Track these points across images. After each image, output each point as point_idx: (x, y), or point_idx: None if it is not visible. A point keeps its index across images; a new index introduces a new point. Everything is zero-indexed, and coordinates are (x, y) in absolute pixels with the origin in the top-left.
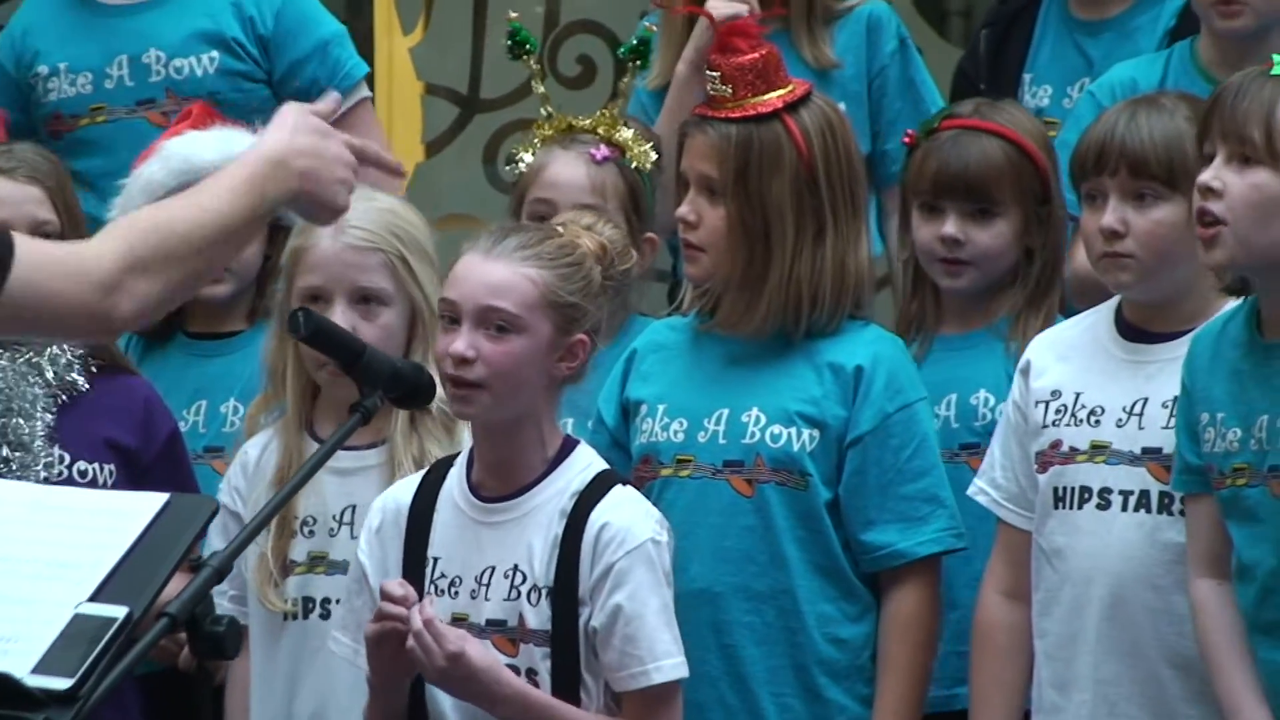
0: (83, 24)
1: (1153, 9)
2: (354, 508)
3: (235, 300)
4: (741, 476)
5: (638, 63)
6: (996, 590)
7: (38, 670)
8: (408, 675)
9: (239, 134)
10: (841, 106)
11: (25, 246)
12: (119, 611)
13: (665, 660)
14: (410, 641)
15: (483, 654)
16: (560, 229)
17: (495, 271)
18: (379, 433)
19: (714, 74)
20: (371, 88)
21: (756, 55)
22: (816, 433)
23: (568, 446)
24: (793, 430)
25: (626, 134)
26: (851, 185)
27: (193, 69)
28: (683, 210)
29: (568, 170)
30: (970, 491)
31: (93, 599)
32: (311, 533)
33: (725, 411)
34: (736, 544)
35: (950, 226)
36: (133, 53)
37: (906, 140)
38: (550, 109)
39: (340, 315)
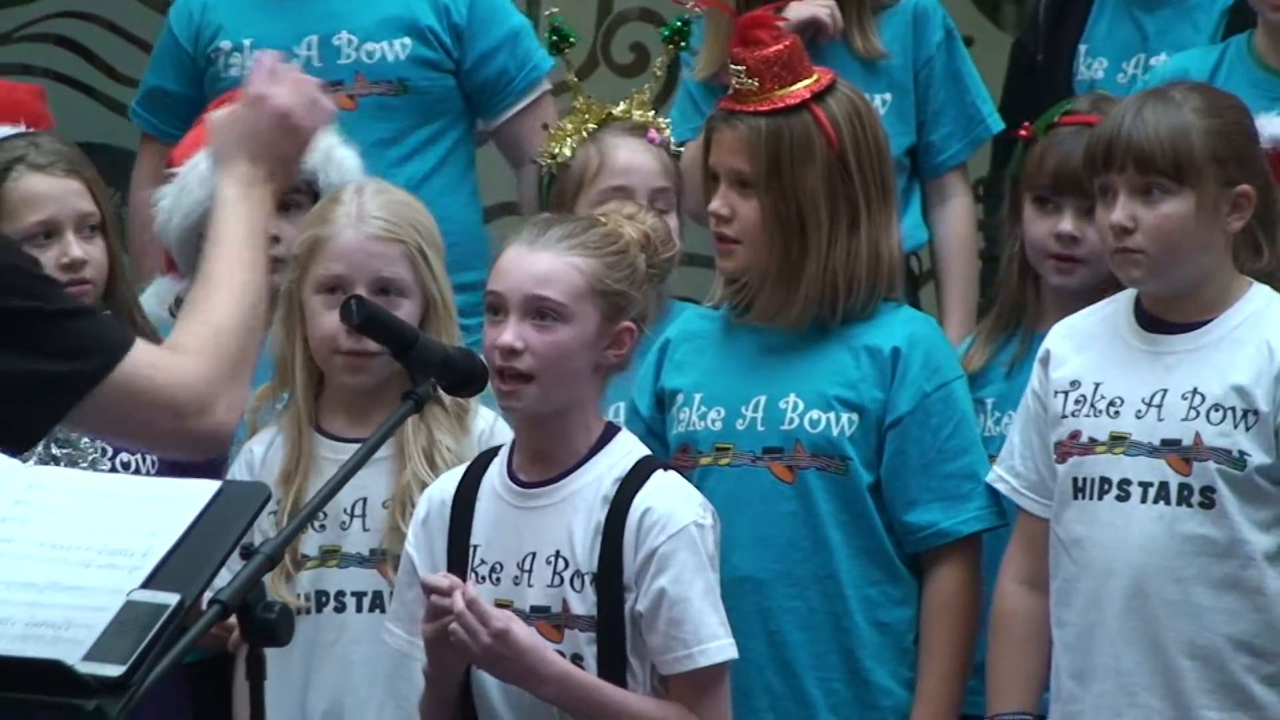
0: (269, 3)
1: None
2: (364, 500)
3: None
4: (781, 463)
5: (679, 45)
6: (1015, 579)
7: (90, 657)
8: (463, 666)
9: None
10: (889, 97)
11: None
12: (171, 599)
13: (711, 643)
14: (454, 624)
15: (527, 633)
16: (603, 219)
17: (541, 262)
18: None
19: (739, 68)
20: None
21: (781, 47)
22: (855, 416)
23: (609, 433)
24: (831, 415)
25: (660, 120)
26: (881, 171)
27: (384, 54)
28: (715, 205)
29: (639, 156)
30: (989, 479)
31: (144, 586)
32: (323, 526)
33: (763, 398)
34: (779, 531)
35: (1067, 223)
36: (324, 33)
37: (1024, 133)
38: (585, 98)
39: None
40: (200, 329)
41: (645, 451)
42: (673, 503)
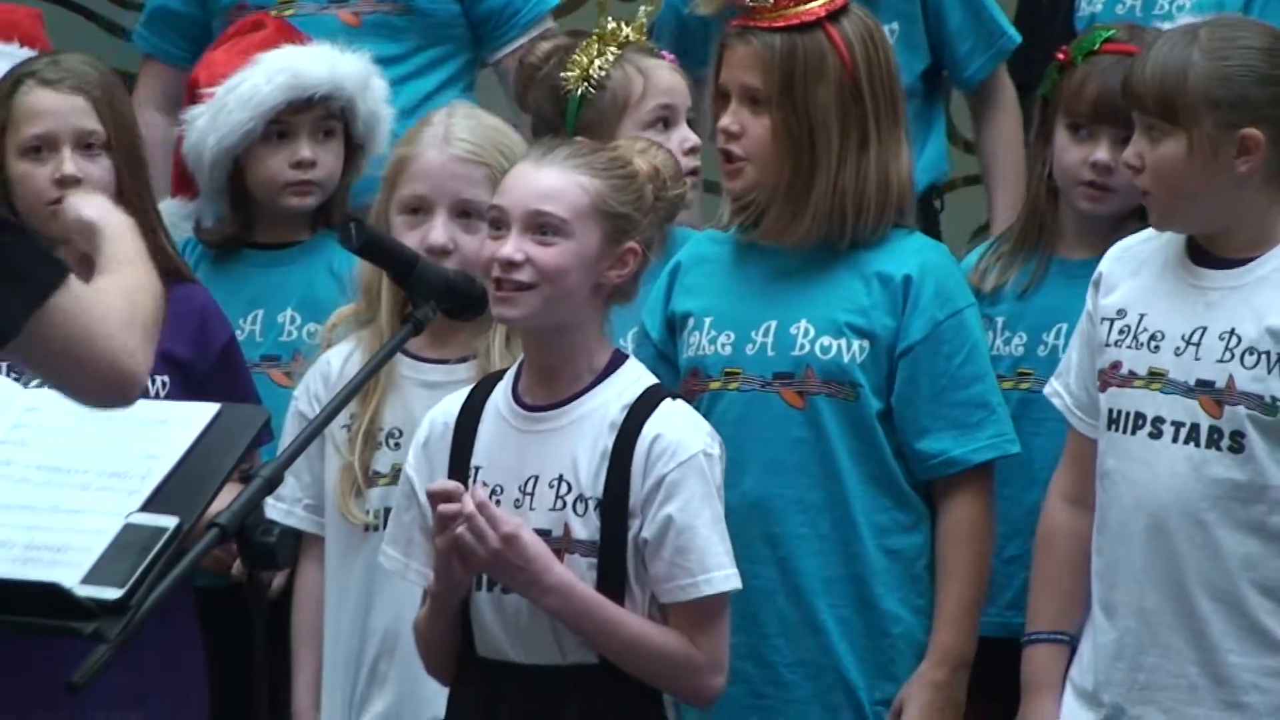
0: None
1: None
2: None
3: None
4: (792, 388)
5: None
6: (1061, 495)
7: (88, 580)
8: (469, 578)
9: (338, 51)
10: (895, 27)
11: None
12: (169, 522)
13: (716, 572)
14: (461, 527)
15: (535, 541)
16: (614, 147)
17: (546, 178)
18: (470, 347)
19: None
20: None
21: None
22: (866, 343)
23: (616, 360)
24: (842, 341)
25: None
26: (892, 94)
27: None
28: (725, 121)
29: (675, 76)
30: (1045, 391)
31: (143, 509)
32: (397, 445)
33: (773, 323)
34: (789, 456)
35: (1103, 152)
36: None
37: (1060, 57)
38: (610, 20)
39: (441, 225)
40: (112, 283)
41: (653, 379)
42: (682, 430)
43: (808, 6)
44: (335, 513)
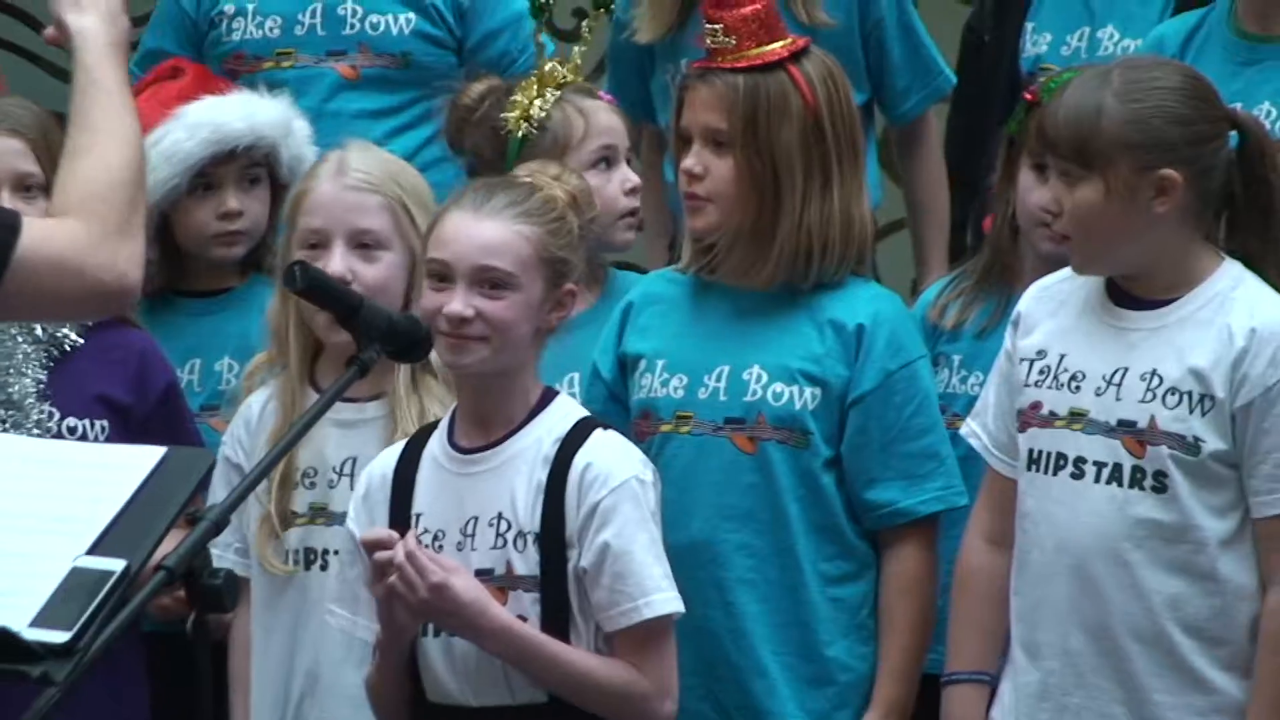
0: None
1: None
2: (355, 459)
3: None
4: (743, 434)
5: (608, 8)
6: (979, 535)
7: (36, 623)
8: (414, 627)
9: (257, 98)
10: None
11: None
12: (117, 565)
13: (656, 595)
14: (392, 576)
15: (468, 586)
16: (530, 179)
17: (488, 230)
18: (380, 386)
19: (714, 26)
20: None
21: (759, 6)
22: (818, 391)
23: (548, 396)
24: (795, 389)
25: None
26: (853, 134)
27: (389, 26)
28: (688, 163)
29: (613, 116)
30: (962, 431)
31: (90, 552)
32: (313, 484)
33: (726, 368)
34: (738, 501)
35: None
36: (329, 3)
37: (1028, 97)
38: (558, 63)
39: (339, 256)
40: (86, 185)
41: (584, 413)
42: (613, 458)
43: (770, 47)
44: (256, 561)
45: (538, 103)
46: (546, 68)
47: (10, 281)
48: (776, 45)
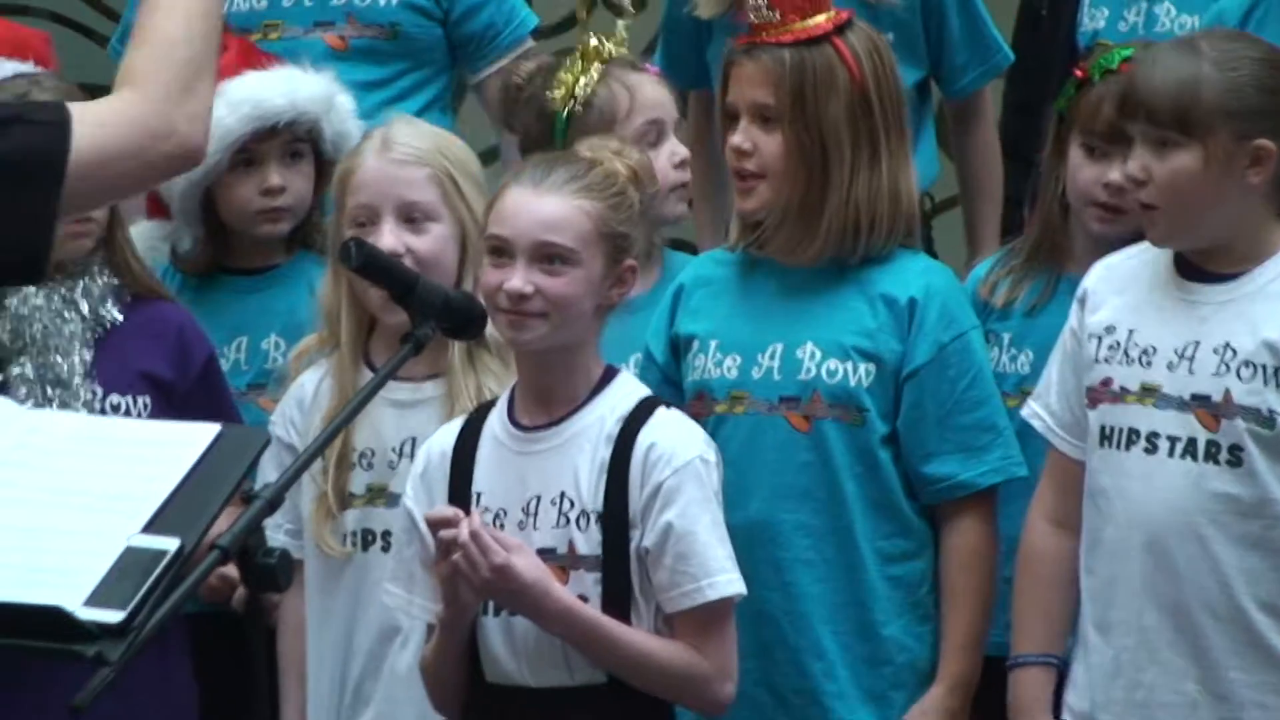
0: None
1: None
2: (413, 440)
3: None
4: (798, 412)
5: None
6: (1043, 517)
7: (90, 603)
8: (476, 604)
9: (300, 73)
10: (891, 37)
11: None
12: (171, 544)
13: (720, 576)
14: (456, 554)
15: (531, 567)
16: (591, 155)
17: (548, 205)
18: (436, 365)
19: (759, 1)
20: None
21: None
22: (873, 367)
23: (609, 374)
24: (849, 365)
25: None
26: (899, 108)
27: None
28: (736, 140)
29: (660, 90)
30: (1024, 413)
31: (144, 531)
32: (370, 465)
33: (779, 346)
34: (794, 480)
35: (1117, 173)
36: None
37: (1079, 73)
38: (604, 38)
39: (389, 231)
40: (148, 50)
41: (647, 391)
42: (677, 438)
43: (814, 20)
44: (312, 541)
45: (582, 79)
46: (591, 43)
47: (73, 181)
48: (820, 18)
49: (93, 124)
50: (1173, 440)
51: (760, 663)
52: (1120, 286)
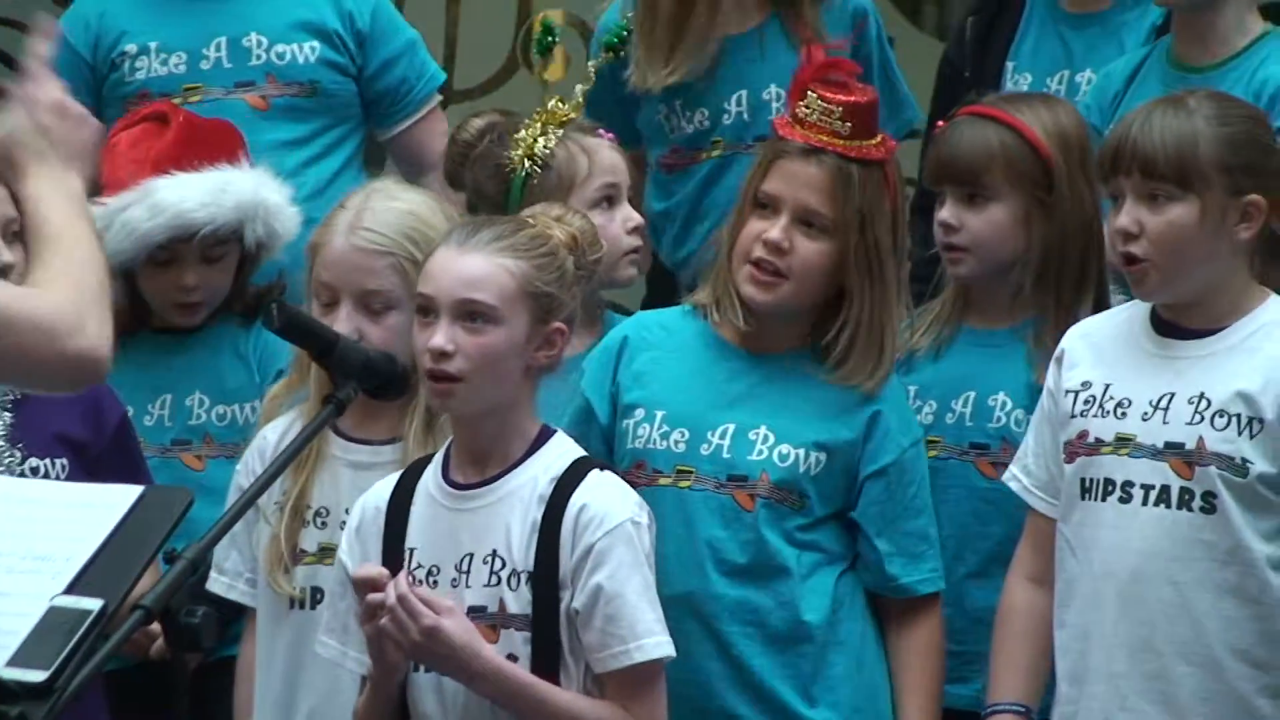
0: (174, 6)
1: (1140, 5)
2: None
3: None
4: (745, 491)
5: (618, 53)
6: (1021, 575)
7: (13, 663)
8: (405, 663)
9: (227, 178)
10: None
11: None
12: (94, 604)
13: (647, 639)
14: (383, 618)
15: (460, 630)
16: (531, 220)
17: (471, 264)
18: (396, 429)
19: (832, 106)
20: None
21: (871, 97)
22: (824, 456)
23: (544, 435)
24: (800, 452)
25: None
26: (905, 235)
27: (294, 55)
28: (775, 235)
29: (615, 154)
30: (1004, 478)
31: (67, 591)
32: (324, 524)
33: (731, 426)
34: (737, 556)
35: (945, 211)
36: (232, 35)
37: (938, 129)
38: (556, 99)
39: (346, 316)
40: (52, 270)
41: (581, 452)
42: (609, 500)
43: (874, 142)
44: (264, 585)
45: (541, 140)
46: (550, 105)
47: None
48: (877, 140)
49: (18, 294)
50: (1146, 489)
51: None
52: (1097, 344)
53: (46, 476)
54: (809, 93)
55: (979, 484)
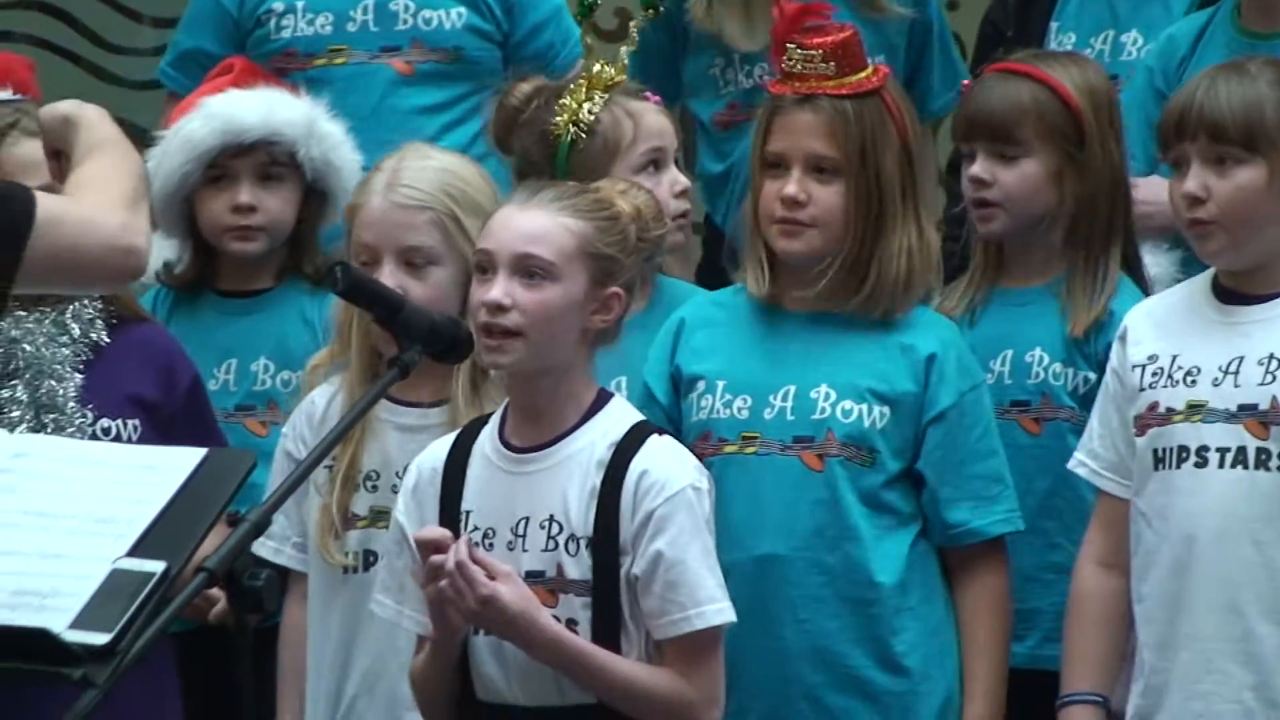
0: None
1: None
2: None
3: (265, 258)
4: (812, 451)
5: (657, 9)
6: (1094, 560)
7: (76, 625)
8: (466, 625)
9: (281, 95)
10: (880, 59)
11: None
12: (157, 566)
13: (709, 605)
14: (443, 581)
15: (517, 597)
16: (597, 188)
17: (532, 220)
18: (443, 391)
19: (811, 51)
20: None
21: (849, 33)
22: (887, 409)
23: (602, 399)
24: (864, 407)
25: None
26: (926, 162)
27: (441, 21)
28: (792, 190)
29: (662, 118)
30: (1070, 465)
31: (130, 554)
32: (375, 487)
33: (792, 388)
34: (807, 517)
35: (976, 167)
36: None
37: (964, 88)
38: (601, 63)
39: (389, 274)
40: (86, 175)
41: (639, 416)
42: (669, 465)
43: (864, 74)
44: (315, 553)
45: (586, 106)
46: (594, 69)
47: (36, 242)
48: (868, 72)
49: (57, 202)
50: (1222, 452)
51: (774, 700)
52: (1159, 319)
53: (119, 437)
54: (788, 45)
55: (1023, 440)
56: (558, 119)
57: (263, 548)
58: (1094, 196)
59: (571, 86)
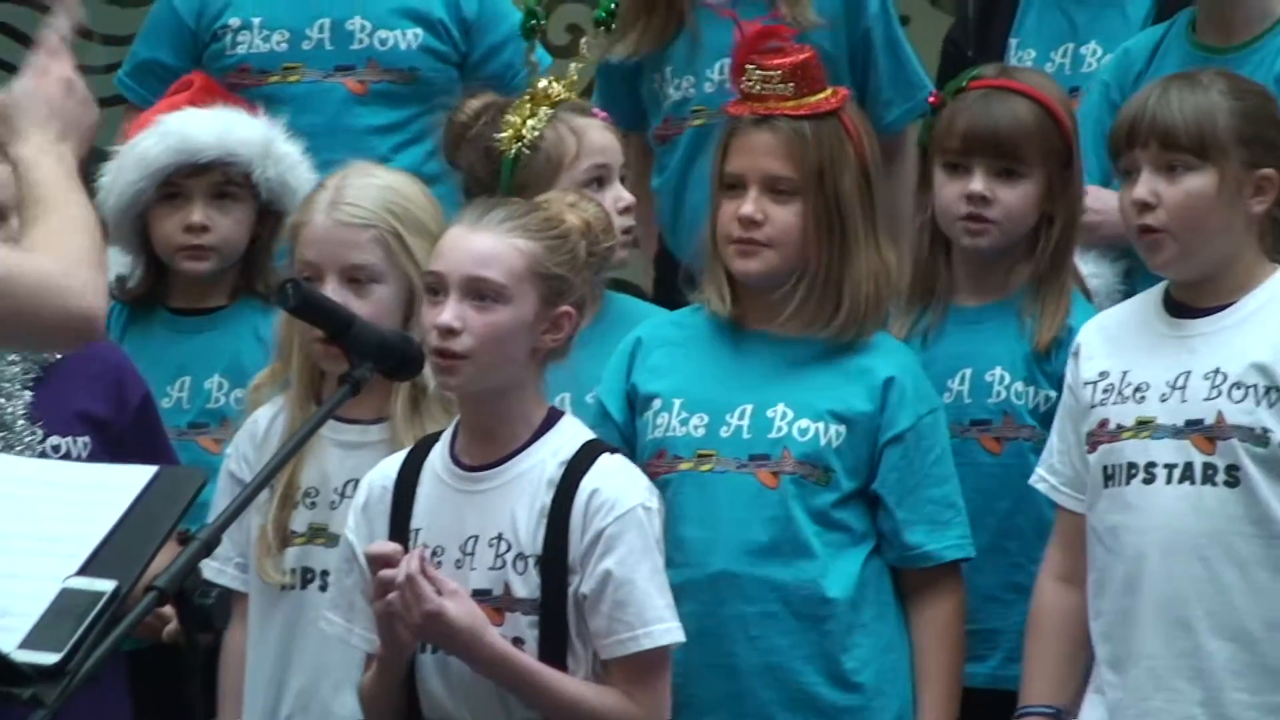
0: None
1: None
2: (356, 481)
3: (218, 277)
4: (767, 469)
5: (610, 28)
6: (1053, 576)
7: (25, 645)
8: (414, 642)
9: (237, 115)
10: None
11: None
12: (107, 585)
13: (656, 625)
14: (392, 594)
15: (464, 614)
16: (545, 203)
17: (482, 242)
18: (383, 409)
19: (770, 72)
20: None
21: (808, 54)
22: (844, 428)
23: (552, 417)
24: (820, 425)
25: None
26: (880, 183)
27: (397, 42)
28: (748, 210)
29: (606, 135)
30: (1031, 480)
31: (80, 573)
32: (313, 504)
33: (750, 407)
34: (761, 535)
35: (978, 183)
36: (337, 18)
37: (932, 100)
38: (551, 79)
39: (332, 291)
40: (46, 231)
41: (590, 435)
42: (620, 485)
43: (822, 95)
44: (254, 572)
45: (530, 122)
46: (540, 85)
47: None
48: (827, 93)
49: (16, 257)
50: (1169, 468)
51: (728, 716)
52: (1111, 335)
53: (68, 455)
54: (747, 66)
55: (983, 460)
56: (502, 134)
57: (206, 568)
58: (1076, 211)
59: (516, 103)
